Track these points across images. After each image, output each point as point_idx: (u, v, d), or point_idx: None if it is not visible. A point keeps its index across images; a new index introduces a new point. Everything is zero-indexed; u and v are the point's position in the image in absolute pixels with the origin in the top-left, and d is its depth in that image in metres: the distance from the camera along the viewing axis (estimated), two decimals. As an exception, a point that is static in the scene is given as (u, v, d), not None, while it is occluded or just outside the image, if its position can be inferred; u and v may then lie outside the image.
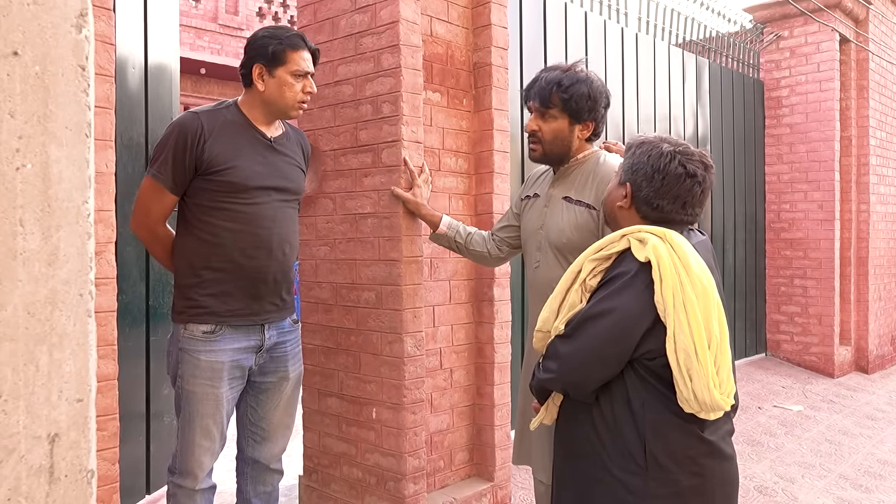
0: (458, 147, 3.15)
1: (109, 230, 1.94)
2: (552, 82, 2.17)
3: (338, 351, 3.00)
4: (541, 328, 1.78)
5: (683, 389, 1.54)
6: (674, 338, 1.54)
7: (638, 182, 1.75)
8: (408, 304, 2.77)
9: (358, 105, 2.90)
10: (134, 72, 3.09)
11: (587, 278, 1.71)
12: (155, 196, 2.14)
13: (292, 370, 2.37)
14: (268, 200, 2.21)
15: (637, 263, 1.61)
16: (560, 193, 2.22)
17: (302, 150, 2.41)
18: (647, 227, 1.66)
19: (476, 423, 3.22)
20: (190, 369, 2.17)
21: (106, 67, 1.95)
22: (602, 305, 1.62)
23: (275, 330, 2.30)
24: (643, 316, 1.59)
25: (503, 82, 3.21)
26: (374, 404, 2.87)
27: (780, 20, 7.01)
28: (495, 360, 3.17)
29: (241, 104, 2.25)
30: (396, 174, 2.77)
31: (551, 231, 2.20)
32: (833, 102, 6.75)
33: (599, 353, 1.62)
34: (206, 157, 2.11)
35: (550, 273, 2.19)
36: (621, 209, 1.79)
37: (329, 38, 3.01)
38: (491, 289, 3.17)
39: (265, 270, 2.22)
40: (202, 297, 2.17)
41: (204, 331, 2.17)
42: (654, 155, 1.74)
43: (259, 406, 2.35)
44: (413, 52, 2.79)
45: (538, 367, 1.77)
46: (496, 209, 3.17)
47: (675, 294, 1.55)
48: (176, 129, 2.13)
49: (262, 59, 2.17)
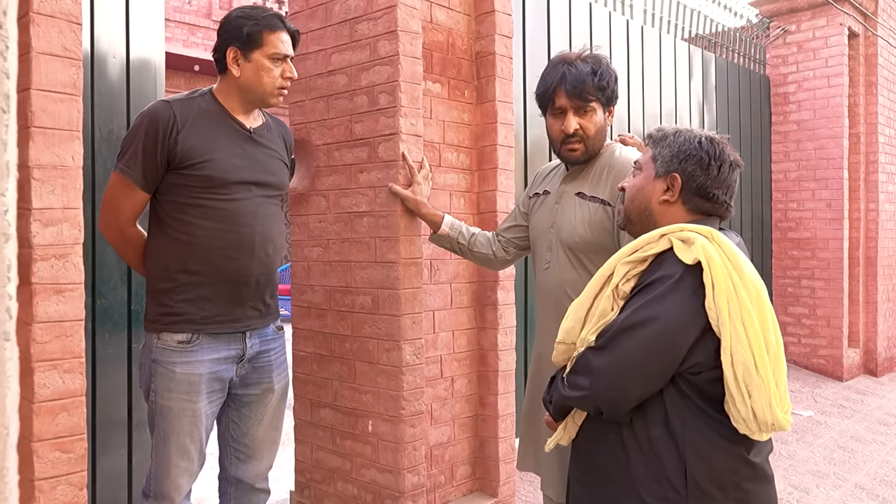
0: (459, 141, 2.96)
1: (76, 230, 1.75)
2: (586, 74, 1.99)
3: (331, 359, 2.81)
4: (563, 339, 1.59)
5: (741, 408, 1.36)
6: (730, 350, 1.36)
7: (690, 171, 1.56)
8: (406, 310, 2.58)
9: (353, 96, 2.71)
10: (115, 62, 2.89)
11: (620, 283, 1.52)
12: (124, 193, 1.96)
13: (277, 381, 2.18)
14: (248, 196, 2.03)
15: (681, 266, 1.43)
16: (573, 189, 2.06)
17: (284, 142, 2.23)
18: (689, 226, 1.48)
19: (479, 435, 3.04)
20: (164, 383, 1.98)
21: (72, 49, 1.75)
22: (643, 313, 1.44)
23: (257, 338, 2.11)
24: (691, 325, 1.41)
25: (507, 73, 3.02)
26: (370, 416, 2.68)
27: (786, 14, 6.84)
28: (499, 367, 2.98)
29: (216, 92, 2.07)
30: (394, 170, 2.58)
31: (563, 229, 2.03)
32: (842, 98, 6.58)
33: (641, 366, 1.44)
34: (179, 150, 1.93)
35: (562, 274, 2.02)
36: (665, 204, 1.60)
37: (322, 25, 2.82)
38: (494, 292, 2.99)
39: (246, 272, 2.03)
40: (177, 304, 1.99)
41: (179, 340, 1.98)
42: (705, 141, 1.57)
43: (242, 421, 2.16)
44: (412, 38, 2.60)
45: (562, 383, 1.58)
46: (500, 207, 2.98)
47: (729, 300, 1.37)
48: (146, 119, 1.95)
49: (236, 41, 2.00)
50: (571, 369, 1.56)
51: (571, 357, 1.58)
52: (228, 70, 2.03)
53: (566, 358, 1.60)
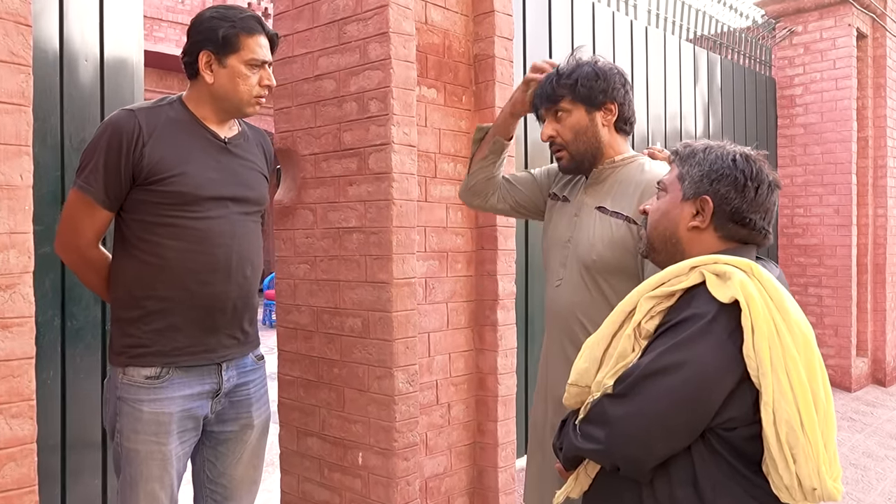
0: (456, 150, 2.77)
1: (25, 257, 1.56)
2: (550, 76, 1.87)
3: (319, 385, 2.61)
4: (576, 382, 1.40)
5: (784, 474, 1.17)
6: (772, 405, 1.17)
7: (722, 193, 1.36)
8: (399, 334, 2.39)
9: (341, 103, 2.52)
10: (87, 65, 2.70)
11: (643, 321, 1.32)
12: (84, 212, 1.77)
13: (257, 416, 1.99)
14: (224, 213, 1.84)
15: (715, 304, 1.23)
16: (593, 202, 1.86)
17: (264, 152, 2.04)
18: (725, 258, 1.29)
19: (477, 464, 2.84)
20: (130, 423, 1.78)
21: (20, 55, 1.56)
22: (670, 357, 1.24)
23: (234, 370, 1.92)
24: (726, 373, 1.21)
25: (508, 77, 2.83)
26: (360, 448, 2.48)
27: (793, 14, 6.65)
28: (499, 392, 2.79)
29: (186, 100, 1.88)
30: (386, 183, 2.39)
31: (580, 245, 1.84)
32: (850, 101, 6.39)
33: (666, 420, 1.24)
34: (145, 164, 1.74)
35: (575, 295, 1.83)
36: (694, 231, 1.40)
37: (308, 26, 2.63)
38: (494, 312, 2.79)
39: (223, 297, 1.84)
40: (145, 334, 1.80)
41: (147, 376, 1.79)
42: (739, 159, 1.38)
43: (218, 460, 1.97)
44: (405, 41, 2.41)
45: (574, 431, 1.39)
46: (500, 221, 2.79)
47: (772, 347, 1.18)
48: (107, 129, 1.76)
49: (210, 44, 1.80)
50: (585, 417, 1.37)
51: (585, 402, 1.39)
52: (200, 76, 1.84)
53: (579, 402, 1.42)
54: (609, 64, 1.87)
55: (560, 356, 1.87)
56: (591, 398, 1.36)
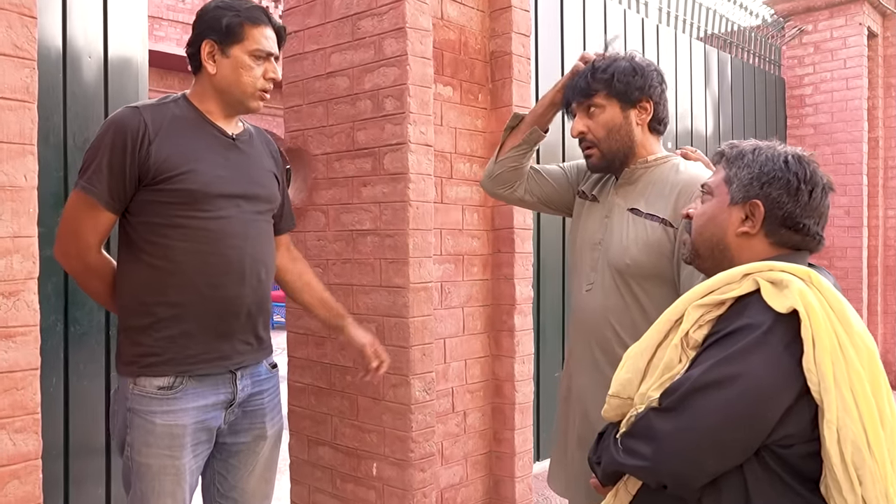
0: (472, 150, 2.68)
1: (30, 262, 1.47)
2: (586, 71, 1.79)
3: (331, 392, 2.53)
4: (618, 393, 1.32)
5: (848, 497, 1.08)
6: (836, 423, 1.09)
7: (774, 197, 1.28)
8: (416, 340, 2.30)
9: (355, 101, 2.43)
10: (91, 62, 2.61)
11: (691, 330, 1.24)
12: (86, 214, 1.68)
13: (270, 427, 1.90)
14: (235, 213, 1.75)
15: (771, 314, 1.15)
16: (625, 203, 1.77)
17: (270, 152, 1.96)
18: (781, 264, 1.20)
19: (493, 473, 2.76)
20: (142, 436, 1.70)
21: (24, 48, 1.47)
22: (722, 370, 1.16)
23: (249, 378, 1.84)
24: (783, 388, 1.13)
25: (525, 75, 2.74)
26: (374, 458, 2.40)
27: (803, 13, 6.57)
28: (516, 400, 2.70)
29: (191, 96, 1.81)
30: (402, 183, 2.30)
31: (612, 248, 1.75)
32: (861, 101, 6.32)
33: (717, 436, 1.16)
34: (152, 163, 1.66)
35: (607, 300, 1.74)
36: (743, 237, 1.32)
37: (321, 22, 2.54)
38: (511, 317, 2.71)
39: (236, 301, 1.76)
40: (157, 342, 1.71)
41: (159, 386, 1.70)
42: (792, 161, 1.29)
43: (230, 473, 1.89)
44: (422, 36, 2.32)
45: (615, 445, 1.30)
46: (517, 223, 2.70)
47: (834, 361, 1.09)
48: (111, 127, 1.68)
49: (213, 33, 1.73)
50: (629, 431, 1.28)
51: (628, 415, 1.31)
52: (203, 68, 1.77)
53: (620, 414, 1.33)
54: (646, 60, 1.80)
55: (588, 363, 1.79)
56: (635, 411, 1.28)
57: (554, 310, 3.41)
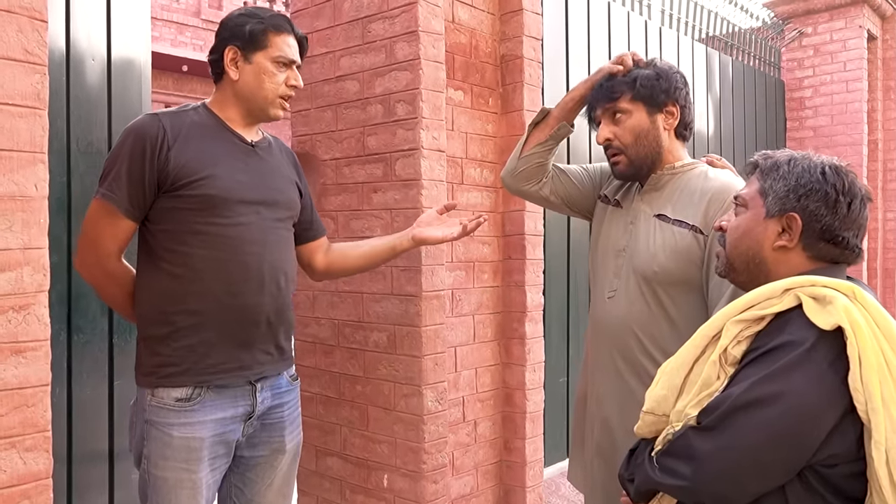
0: (483, 155, 2.64)
1: (40, 275, 1.42)
2: (609, 77, 1.76)
3: (340, 402, 2.48)
4: (653, 410, 1.28)
5: None
6: (885, 444, 1.06)
7: (812, 210, 1.24)
8: (428, 350, 2.26)
9: (366, 105, 2.39)
10: (94, 64, 2.56)
11: (730, 346, 1.21)
12: (106, 222, 1.65)
13: (289, 440, 1.86)
14: (254, 220, 1.72)
15: (813, 331, 1.12)
16: (651, 209, 1.73)
17: (291, 163, 1.95)
18: (822, 280, 1.17)
19: (504, 483, 2.72)
20: (159, 449, 1.66)
21: (35, 53, 1.43)
22: (765, 388, 1.12)
23: (269, 390, 1.80)
24: (828, 408, 1.10)
25: (536, 79, 2.71)
26: (385, 469, 2.35)
27: (802, 16, 6.56)
28: (527, 409, 2.67)
29: (211, 105, 1.79)
30: (414, 190, 2.26)
31: (638, 255, 1.71)
32: (861, 104, 6.31)
33: (760, 456, 1.13)
34: (171, 168, 1.63)
35: (632, 307, 1.70)
36: (781, 250, 1.29)
37: (330, 24, 2.49)
38: (522, 324, 2.67)
39: (256, 309, 1.72)
40: (175, 351, 1.68)
41: (177, 397, 1.66)
42: (829, 172, 1.26)
43: (247, 486, 1.84)
44: (434, 40, 2.28)
45: (650, 464, 1.26)
46: (528, 229, 2.67)
47: (882, 380, 1.07)
48: (131, 135, 1.65)
49: (236, 40, 1.72)
50: (666, 450, 1.24)
51: (664, 432, 1.27)
52: (226, 74, 1.76)
53: (654, 431, 1.30)
54: (668, 64, 1.77)
55: (609, 371, 1.76)
56: (672, 429, 1.25)
57: (560, 315, 3.37)
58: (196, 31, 11.25)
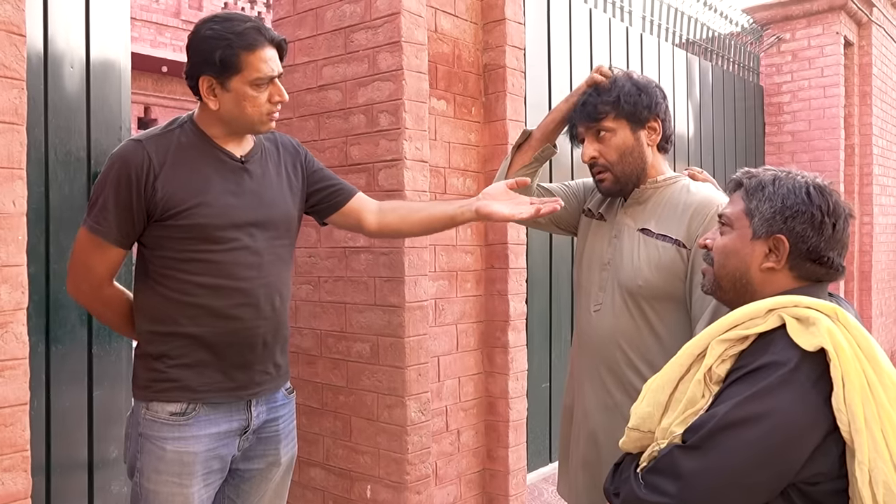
0: (465, 165, 2.65)
1: (19, 292, 1.40)
2: (590, 95, 1.75)
3: (323, 412, 2.47)
4: (638, 426, 1.29)
5: None
6: (868, 465, 1.08)
7: (798, 231, 1.26)
8: (412, 360, 2.26)
9: (348, 115, 2.38)
10: (73, 71, 2.52)
11: (714, 365, 1.22)
12: (95, 252, 1.62)
13: (285, 453, 1.85)
14: (248, 243, 1.69)
15: (797, 351, 1.14)
16: (635, 223, 1.75)
17: (287, 154, 1.86)
18: (806, 300, 1.19)
19: (486, 492, 2.72)
20: (152, 462, 1.64)
21: (12, 67, 1.40)
22: (749, 408, 1.14)
23: (265, 405, 1.78)
24: (812, 427, 1.12)
25: (519, 88, 2.71)
26: (368, 480, 2.35)
27: (781, 22, 6.64)
28: (510, 417, 2.67)
29: (197, 119, 1.72)
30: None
31: (622, 269, 1.72)
32: (838, 109, 6.40)
33: (745, 475, 1.14)
34: (159, 199, 1.59)
35: (617, 322, 1.71)
36: (769, 271, 1.30)
37: (312, 34, 2.48)
38: (505, 333, 2.67)
39: (252, 333, 1.70)
40: (171, 369, 1.66)
41: (172, 412, 1.64)
42: (814, 193, 1.27)
43: (240, 498, 1.83)
44: (417, 50, 2.28)
45: (636, 480, 1.27)
46: (510, 238, 2.67)
47: (864, 401, 1.09)
48: (115, 164, 1.60)
49: (209, 69, 1.61)
50: (652, 467, 1.25)
51: (649, 449, 1.28)
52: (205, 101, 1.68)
53: (639, 447, 1.31)
54: (646, 77, 1.77)
55: (596, 384, 1.77)
56: (657, 446, 1.26)
57: (542, 322, 3.38)
58: (176, 31, 11.15)
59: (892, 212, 7.45)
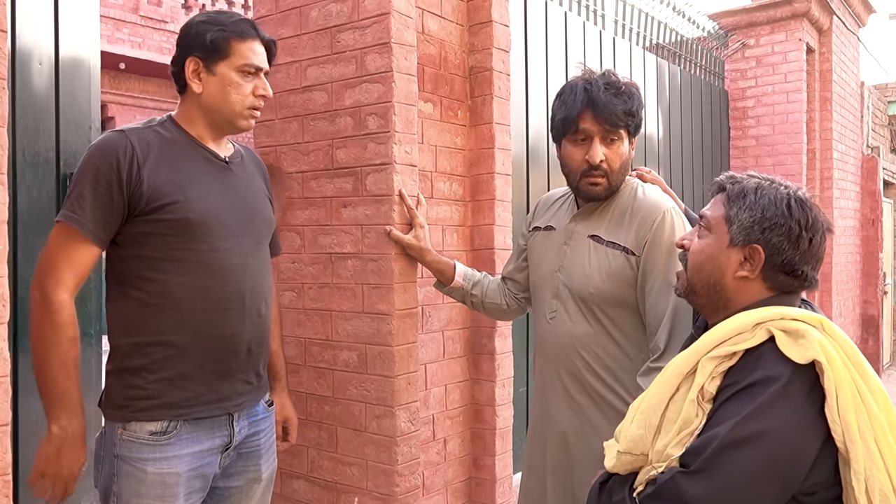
0: (452, 168, 2.60)
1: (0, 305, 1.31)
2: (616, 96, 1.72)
3: (307, 423, 2.40)
4: (630, 450, 1.28)
5: None
6: (863, 474, 1.10)
7: (775, 244, 1.27)
8: (401, 370, 2.20)
9: (334, 117, 2.31)
10: (41, 68, 2.41)
11: (706, 383, 1.21)
12: (67, 247, 1.51)
13: (265, 468, 1.79)
14: (233, 244, 1.64)
15: (788, 365, 1.15)
16: (585, 230, 1.78)
17: (261, 174, 1.86)
18: (791, 313, 1.20)
19: (473, 500, 2.68)
20: (132, 486, 1.56)
21: (-7, 65, 1.31)
22: (748, 427, 1.14)
23: (246, 419, 1.72)
24: (810, 440, 1.13)
25: (505, 91, 2.68)
26: (355, 493, 2.29)
27: (745, 28, 6.75)
28: (496, 425, 2.63)
29: (177, 118, 1.68)
30: (386, 206, 2.20)
31: (574, 276, 1.76)
32: (801, 114, 6.53)
33: (751, 495, 1.14)
34: (145, 189, 1.52)
35: (575, 327, 1.74)
36: (742, 280, 1.30)
37: (295, 33, 2.41)
38: (491, 340, 2.64)
39: (236, 339, 1.64)
40: (151, 384, 1.57)
41: (152, 431, 1.57)
42: (794, 206, 1.29)
43: None
44: (407, 52, 2.23)
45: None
46: (497, 244, 2.63)
47: (857, 411, 1.11)
48: (96, 152, 1.53)
49: (197, 50, 1.60)
50: (654, 493, 1.23)
51: (644, 472, 1.26)
52: (188, 87, 1.64)
53: (629, 470, 1.29)
54: (634, 83, 1.77)
55: (559, 391, 1.79)
56: (653, 469, 1.24)
57: (519, 327, 3.35)
58: (134, 27, 10.87)
59: (850, 215, 7.64)
